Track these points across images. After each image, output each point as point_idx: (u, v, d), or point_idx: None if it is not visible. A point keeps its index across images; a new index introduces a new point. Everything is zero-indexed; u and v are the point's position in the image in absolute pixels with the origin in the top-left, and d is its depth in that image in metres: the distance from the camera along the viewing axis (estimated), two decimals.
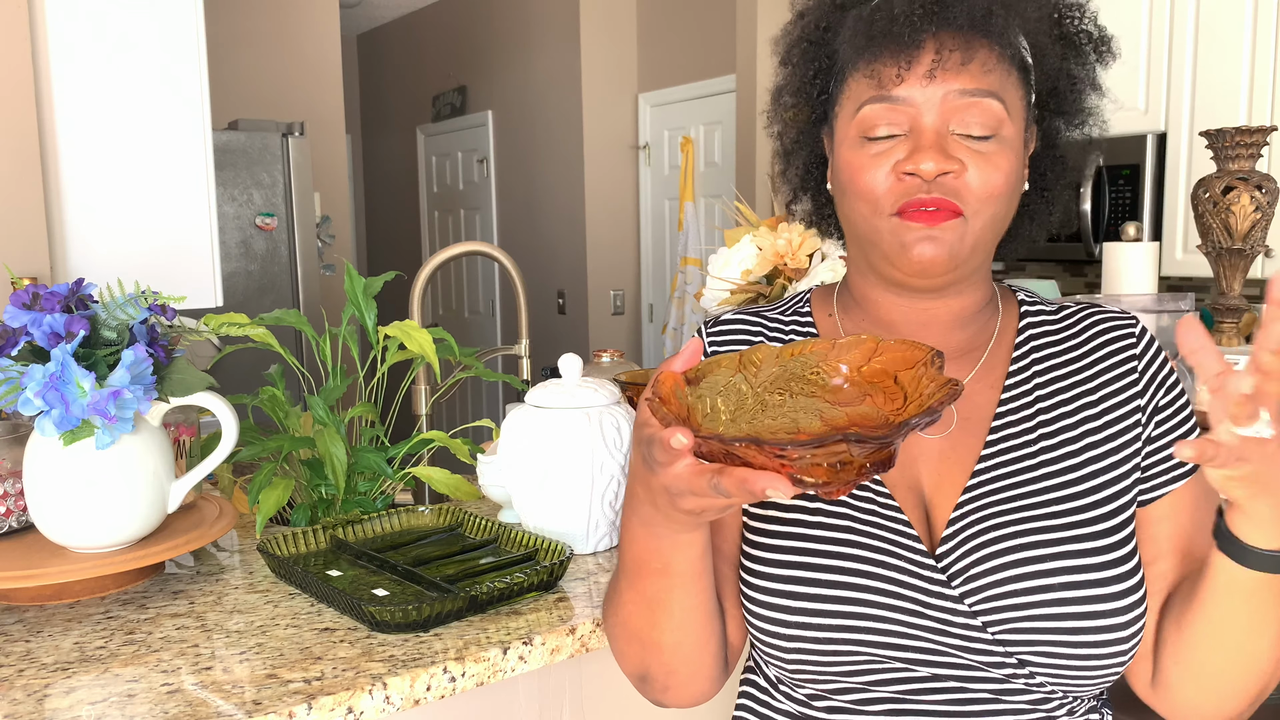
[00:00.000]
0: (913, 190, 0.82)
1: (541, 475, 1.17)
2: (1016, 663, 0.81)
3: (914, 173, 0.81)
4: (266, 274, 3.64)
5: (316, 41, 4.31)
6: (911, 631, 0.81)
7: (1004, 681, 0.82)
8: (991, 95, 0.81)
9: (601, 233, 5.07)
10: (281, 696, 0.85)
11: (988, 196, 0.82)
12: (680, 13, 4.75)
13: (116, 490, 1.07)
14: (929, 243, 0.82)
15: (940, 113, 0.82)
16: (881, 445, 0.61)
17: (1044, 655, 0.80)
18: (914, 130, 0.82)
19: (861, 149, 0.84)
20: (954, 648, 0.81)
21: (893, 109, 0.83)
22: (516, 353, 1.86)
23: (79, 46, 2.44)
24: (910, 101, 0.82)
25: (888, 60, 0.83)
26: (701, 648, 0.85)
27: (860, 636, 0.82)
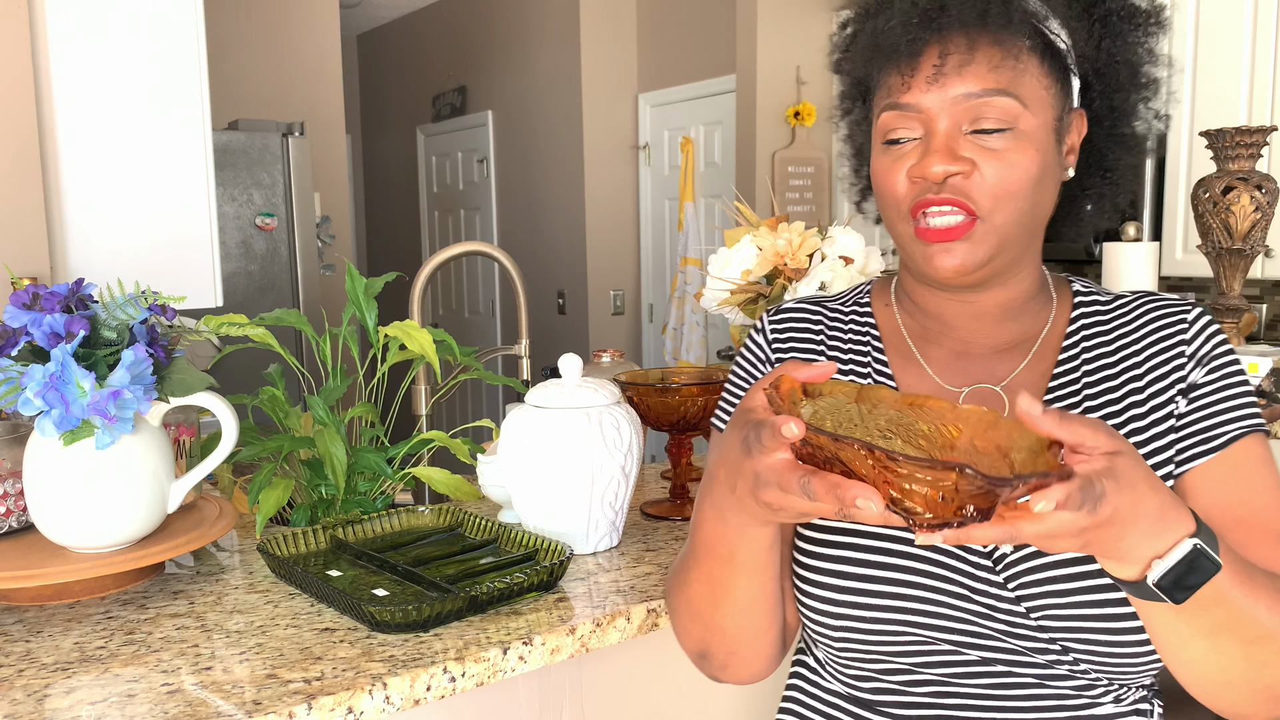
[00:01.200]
0: (925, 191, 0.84)
1: (541, 475, 1.17)
2: (1060, 649, 0.82)
3: (923, 176, 0.83)
4: (266, 274, 3.64)
5: (316, 41, 4.31)
6: (957, 614, 0.84)
7: (1048, 667, 0.83)
8: (1000, 93, 0.82)
9: (601, 233, 5.07)
10: (281, 696, 0.85)
11: (1003, 194, 0.83)
12: (680, 13, 4.75)
13: (116, 490, 1.07)
14: (945, 255, 0.84)
15: (949, 115, 0.83)
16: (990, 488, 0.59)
17: (1086, 642, 0.81)
18: (927, 133, 0.84)
19: (884, 154, 0.88)
20: (999, 632, 0.83)
21: (904, 115, 0.85)
22: (516, 353, 1.86)
23: (79, 46, 2.44)
24: (918, 107, 0.84)
25: (892, 69, 0.86)
26: (763, 632, 0.87)
27: (907, 617, 0.84)
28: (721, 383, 1.34)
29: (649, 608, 1.06)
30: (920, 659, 0.86)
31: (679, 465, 1.39)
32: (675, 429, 1.36)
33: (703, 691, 1.32)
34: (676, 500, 1.38)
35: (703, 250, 4.58)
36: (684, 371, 1.47)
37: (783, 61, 4.23)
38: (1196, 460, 0.84)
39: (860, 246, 1.59)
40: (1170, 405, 0.86)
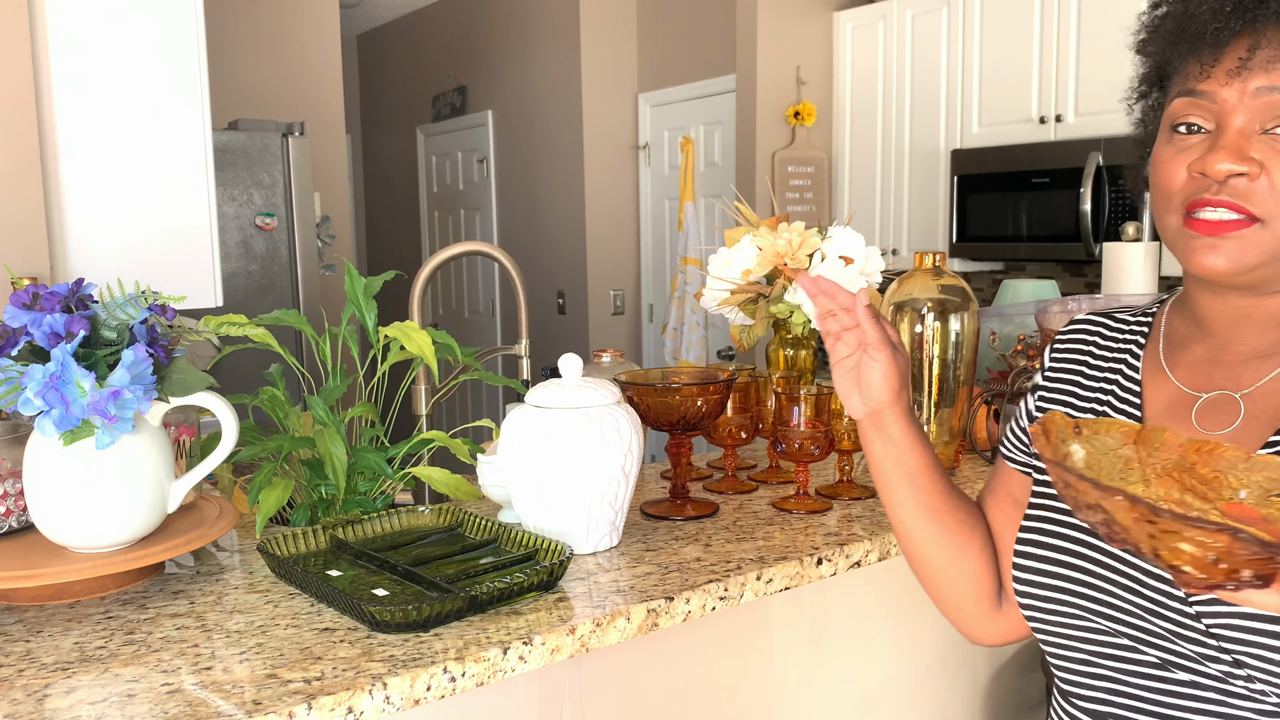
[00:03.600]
0: (1202, 190, 0.81)
1: (541, 475, 1.17)
2: (1232, 661, 0.78)
3: (1204, 172, 0.80)
4: (266, 274, 3.64)
5: (316, 41, 4.31)
6: (1122, 603, 0.83)
7: (1226, 681, 0.80)
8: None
9: (601, 233, 5.07)
10: (281, 696, 0.85)
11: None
12: (680, 13, 4.75)
13: (116, 490, 1.07)
14: (1209, 251, 0.81)
15: (1246, 110, 0.79)
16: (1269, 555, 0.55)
17: (1259, 658, 0.76)
18: (1218, 127, 0.81)
19: (1168, 143, 0.84)
20: (1169, 633, 0.81)
21: (1196, 104, 0.82)
22: (516, 353, 1.86)
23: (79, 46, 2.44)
24: (1215, 98, 0.81)
25: (1195, 56, 0.82)
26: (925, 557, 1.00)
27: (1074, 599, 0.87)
28: (721, 382, 1.34)
29: (649, 608, 1.06)
30: (1098, 648, 0.87)
31: (679, 465, 1.39)
32: (675, 429, 1.36)
33: (703, 691, 1.32)
34: (676, 500, 1.38)
35: (703, 250, 4.58)
36: (684, 371, 1.47)
37: (783, 61, 4.23)
38: None
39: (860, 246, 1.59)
40: None
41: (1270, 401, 0.84)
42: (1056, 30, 3.50)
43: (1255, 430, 0.84)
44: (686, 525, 1.33)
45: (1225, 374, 0.88)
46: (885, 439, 0.97)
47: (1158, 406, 0.90)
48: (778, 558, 1.20)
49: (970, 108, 3.82)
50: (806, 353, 1.67)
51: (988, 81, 3.75)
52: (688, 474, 1.40)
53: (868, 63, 4.20)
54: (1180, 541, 0.57)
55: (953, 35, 3.85)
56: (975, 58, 3.79)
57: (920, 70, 3.98)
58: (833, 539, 1.27)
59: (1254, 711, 0.79)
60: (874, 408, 0.96)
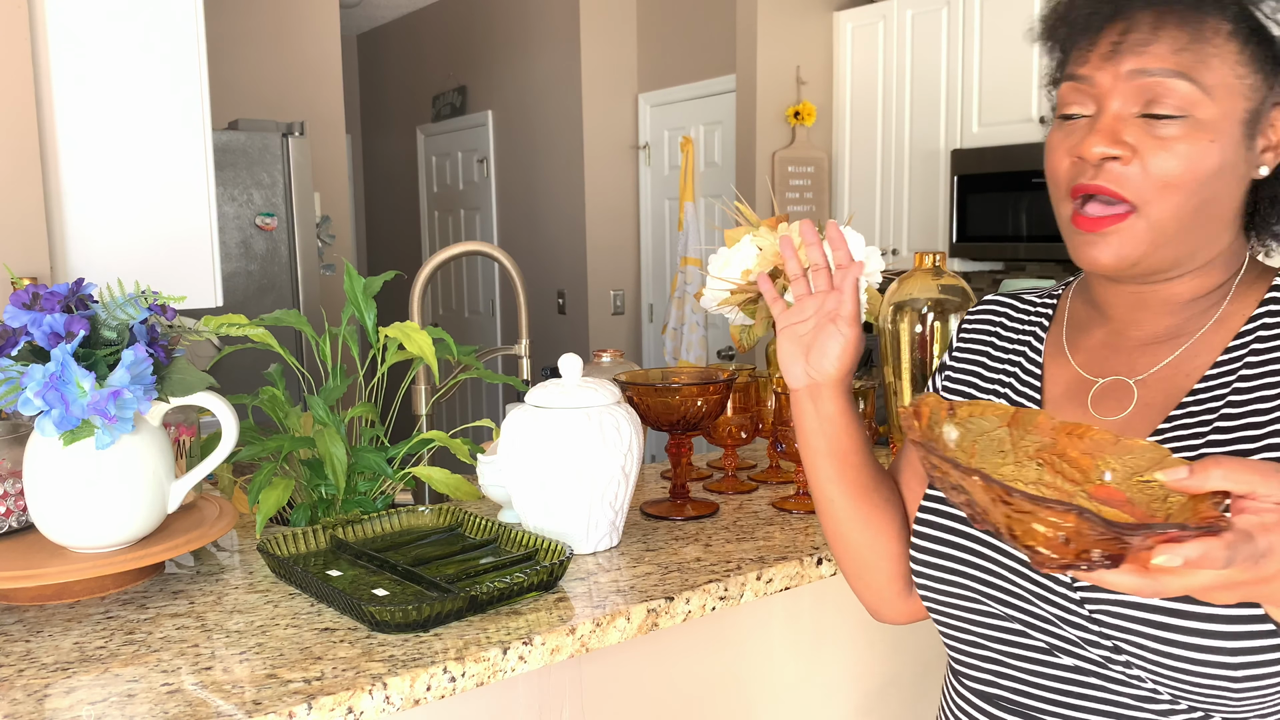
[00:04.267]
0: (1080, 174, 0.81)
1: (541, 475, 1.17)
2: (1112, 647, 0.78)
3: (1081, 156, 0.81)
4: (266, 274, 3.64)
5: (316, 41, 4.31)
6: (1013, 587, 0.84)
7: (1106, 666, 0.80)
8: (1178, 76, 0.78)
9: (601, 233, 5.07)
10: (281, 696, 0.85)
11: (1164, 185, 0.78)
12: (680, 13, 4.75)
13: (116, 490, 1.07)
14: (1094, 247, 0.82)
15: (1121, 94, 0.80)
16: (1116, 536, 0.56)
17: (1138, 647, 0.76)
18: (1098, 111, 0.82)
19: (1057, 129, 0.85)
20: (1055, 618, 0.82)
21: (1077, 88, 0.83)
22: (516, 353, 1.86)
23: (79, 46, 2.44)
24: (1092, 81, 0.81)
25: (1074, 40, 0.83)
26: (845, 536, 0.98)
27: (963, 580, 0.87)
28: (721, 382, 1.34)
29: (649, 608, 1.06)
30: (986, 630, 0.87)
31: (679, 465, 1.39)
32: (675, 429, 1.36)
33: (702, 691, 1.32)
34: (676, 500, 1.38)
35: (703, 250, 4.58)
36: (684, 371, 1.47)
37: (783, 61, 4.23)
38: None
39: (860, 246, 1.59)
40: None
41: (1162, 388, 0.85)
42: None
43: (1146, 417, 0.84)
44: (686, 525, 1.33)
45: (1122, 360, 0.88)
46: (821, 414, 0.96)
47: (1056, 390, 0.91)
48: (778, 558, 1.20)
49: (970, 108, 3.82)
50: None
51: (988, 81, 3.75)
52: (688, 474, 1.40)
53: (868, 63, 4.20)
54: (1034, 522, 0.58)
55: (953, 35, 3.85)
56: (975, 58, 3.79)
57: (920, 70, 3.98)
58: None
59: (1131, 697, 0.80)
60: (817, 380, 0.95)
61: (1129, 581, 0.59)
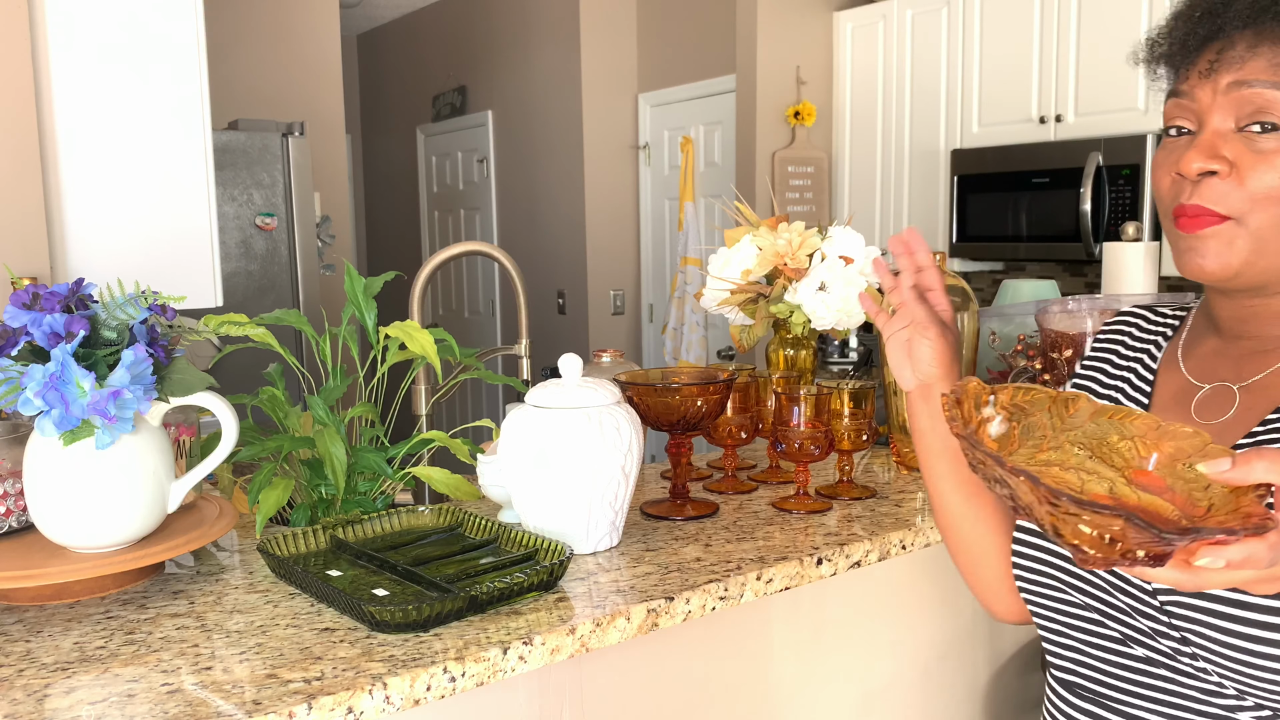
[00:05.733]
0: (1179, 193, 0.83)
1: (541, 475, 1.17)
2: (1180, 639, 0.79)
3: (1181, 173, 0.82)
4: (266, 274, 3.64)
5: (316, 41, 4.31)
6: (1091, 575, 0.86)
7: (1174, 658, 0.82)
8: (1276, 87, 0.79)
9: (601, 233, 5.07)
10: (281, 696, 0.85)
11: (1262, 198, 0.79)
12: (680, 13, 4.75)
13: (116, 490, 1.07)
14: (1191, 252, 0.83)
15: (1220, 108, 0.81)
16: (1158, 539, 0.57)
17: (1207, 640, 0.77)
18: (1199, 128, 0.83)
19: (1162, 146, 0.88)
20: (1129, 608, 0.83)
21: (1180, 104, 0.84)
22: (516, 353, 1.86)
23: (79, 46, 2.44)
24: (1193, 97, 0.83)
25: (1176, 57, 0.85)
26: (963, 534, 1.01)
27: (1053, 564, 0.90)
28: (722, 382, 1.34)
29: (649, 608, 1.06)
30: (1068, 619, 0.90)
31: (679, 465, 1.39)
32: (675, 429, 1.36)
33: (703, 691, 1.32)
34: (676, 500, 1.38)
35: (703, 250, 4.58)
36: (684, 371, 1.47)
37: (783, 61, 4.23)
38: None
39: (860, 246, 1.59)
40: None
41: (1265, 395, 0.86)
42: (1056, 30, 3.50)
43: (1245, 421, 0.85)
44: (686, 525, 1.33)
45: (1228, 366, 0.90)
46: (933, 413, 0.99)
47: (1165, 396, 0.93)
48: (778, 558, 1.20)
49: (970, 108, 3.82)
50: (806, 353, 1.67)
51: (988, 81, 3.75)
52: (688, 474, 1.40)
53: (868, 63, 4.20)
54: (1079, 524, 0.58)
55: (953, 35, 3.85)
56: (975, 58, 3.79)
57: (920, 70, 3.98)
58: (833, 539, 1.27)
59: (1199, 690, 0.81)
60: (924, 381, 0.99)
61: (1171, 576, 0.60)
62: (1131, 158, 3.25)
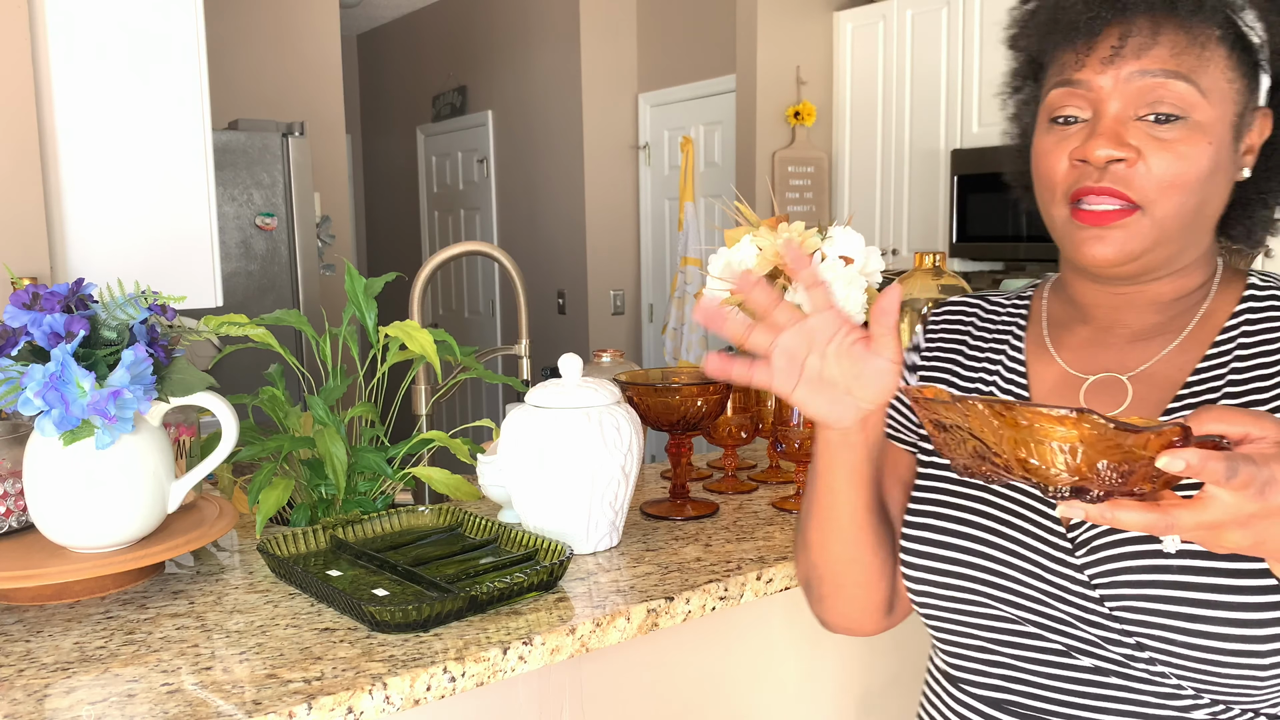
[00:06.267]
0: (1084, 178, 0.81)
1: (541, 475, 1.17)
2: (1134, 644, 0.78)
3: (1085, 159, 0.81)
4: (266, 274, 3.64)
5: (316, 41, 4.31)
6: (1028, 589, 0.83)
7: (1128, 665, 0.80)
8: (1178, 77, 0.79)
9: (601, 233, 5.07)
10: (281, 696, 0.85)
11: (1168, 186, 0.80)
12: (680, 13, 4.75)
13: (116, 490, 1.07)
14: (1097, 243, 0.82)
15: (1121, 97, 0.80)
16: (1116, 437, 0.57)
17: (1162, 642, 0.76)
18: (1095, 115, 0.82)
19: (1048, 134, 0.85)
20: (1073, 618, 0.81)
21: (1073, 92, 0.83)
22: (516, 353, 1.86)
23: (79, 46, 2.44)
24: (1090, 85, 0.82)
25: (1068, 46, 0.83)
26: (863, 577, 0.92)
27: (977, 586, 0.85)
28: (721, 383, 1.34)
29: (649, 608, 1.06)
30: (996, 635, 0.86)
31: (679, 465, 1.39)
32: (675, 429, 1.36)
33: (703, 691, 1.32)
34: (676, 500, 1.38)
35: (703, 250, 4.58)
36: (684, 371, 1.47)
37: (783, 61, 4.23)
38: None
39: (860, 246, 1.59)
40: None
41: (1155, 384, 0.86)
42: None
43: (1143, 411, 0.86)
44: (686, 525, 1.33)
45: (1111, 356, 0.89)
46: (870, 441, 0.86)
47: (1044, 387, 0.91)
48: (778, 558, 1.20)
49: (970, 108, 3.82)
50: None
51: (988, 81, 3.75)
52: (688, 474, 1.40)
53: (868, 63, 4.20)
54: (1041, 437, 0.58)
55: (953, 35, 3.85)
56: (975, 58, 3.79)
57: (920, 70, 3.98)
58: None
59: (1153, 695, 0.80)
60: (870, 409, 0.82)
61: (1140, 517, 0.59)
62: None
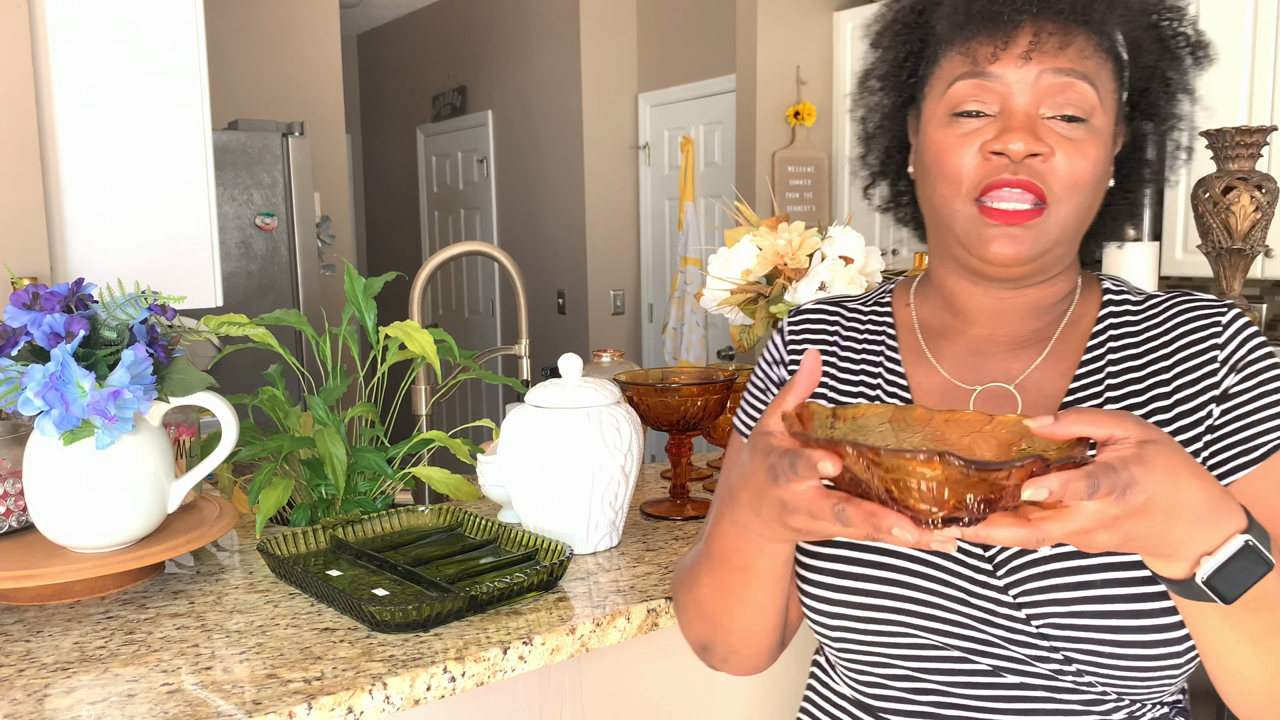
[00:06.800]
0: (998, 170, 0.81)
1: (541, 475, 1.17)
2: (1062, 659, 0.79)
3: (1002, 152, 0.81)
4: (266, 274, 3.64)
5: (316, 41, 4.31)
6: (957, 618, 0.82)
7: (1054, 679, 0.81)
8: (1084, 79, 0.80)
9: (601, 233, 5.07)
10: (281, 696, 0.85)
11: (1073, 184, 0.81)
12: (680, 13, 4.75)
13: (116, 490, 1.07)
14: (1007, 240, 0.82)
15: (1033, 94, 0.81)
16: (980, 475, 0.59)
17: (1088, 654, 0.78)
18: (1004, 111, 0.82)
19: (950, 127, 0.84)
20: (1002, 639, 0.81)
21: (984, 86, 0.82)
22: (516, 353, 1.86)
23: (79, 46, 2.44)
24: (1003, 80, 0.81)
25: (984, 38, 0.82)
26: (768, 634, 0.89)
27: (903, 617, 0.83)
28: (721, 382, 1.34)
29: (649, 608, 1.06)
30: (922, 663, 0.84)
31: (679, 465, 1.39)
32: (675, 429, 1.36)
33: (703, 691, 1.32)
34: (676, 500, 1.38)
35: (703, 250, 4.58)
36: (684, 371, 1.47)
37: (783, 61, 4.23)
38: (1236, 474, 0.79)
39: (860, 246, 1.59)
40: (1201, 412, 0.82)
41: (1040, 390, 0.87)
42: None
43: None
44: (686, 525, 1.33)
45: (995, 365, 0.89)
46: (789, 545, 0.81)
47: (930, 399, 0.91)
48: None
49: None
50: None
51: None
52: (688, 474, 1.40)
53: None
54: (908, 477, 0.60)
55: None
56: None
57: None
58: None
59: (1079, 703, 0.82)
60: None
61: (1012, 534, 0.61)
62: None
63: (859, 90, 0.98)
